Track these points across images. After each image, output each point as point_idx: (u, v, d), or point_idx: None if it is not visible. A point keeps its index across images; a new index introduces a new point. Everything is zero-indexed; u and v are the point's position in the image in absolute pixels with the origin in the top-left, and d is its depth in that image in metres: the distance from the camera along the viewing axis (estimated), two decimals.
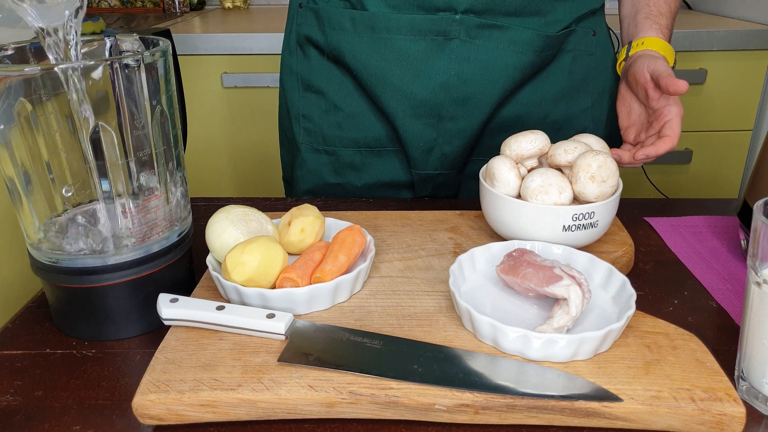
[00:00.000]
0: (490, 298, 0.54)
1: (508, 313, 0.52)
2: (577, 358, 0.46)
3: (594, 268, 0.55)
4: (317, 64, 0.82)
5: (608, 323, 0.47)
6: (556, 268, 0.50)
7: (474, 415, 0.43)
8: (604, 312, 0.51)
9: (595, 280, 0.55)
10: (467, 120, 0.78)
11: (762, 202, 0.44)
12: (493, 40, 0.74)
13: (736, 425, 0.42)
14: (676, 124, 0.69)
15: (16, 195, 0.52)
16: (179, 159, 0.57)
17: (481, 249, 0.57)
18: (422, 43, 0.74)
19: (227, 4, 1.98)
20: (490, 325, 0.47)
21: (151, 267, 0.53)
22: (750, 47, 1.51)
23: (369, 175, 0.84)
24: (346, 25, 0.76)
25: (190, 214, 0.59)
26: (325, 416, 0.44)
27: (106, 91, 0.49)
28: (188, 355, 0.47)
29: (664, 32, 0.77)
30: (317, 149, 0.85)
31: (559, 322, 0.47)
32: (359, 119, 0.81)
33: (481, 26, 0.73)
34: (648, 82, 0.71)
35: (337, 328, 0.50)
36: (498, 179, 0.61)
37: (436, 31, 0.73)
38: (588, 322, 0.50)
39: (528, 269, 0.51)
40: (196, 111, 1.53)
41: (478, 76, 0.75)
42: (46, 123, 0.49)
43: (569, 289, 0.48)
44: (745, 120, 1.61)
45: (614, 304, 0.52)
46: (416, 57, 0.75)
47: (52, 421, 0.45)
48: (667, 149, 0.68)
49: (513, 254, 0.54)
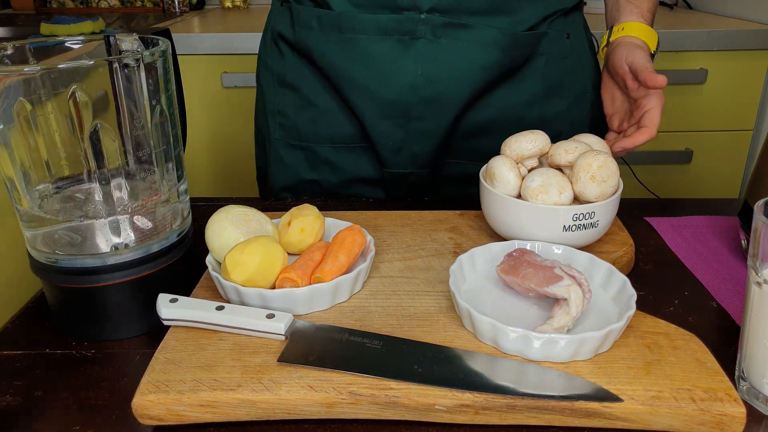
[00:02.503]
0: (490, 298, 0.53)
1: (508, 313, 0.52)
2: (578, 358, 0.46)
3: (594, 268, 0.55)
4: (291, 61, 0.82)
5: (609, 323, 0.47)
6: (557, 268, 0.50)
7: (474, 415, 0.43)
8: (605, 312, 0.51)
9: (595, 280, 0.55)
10: (436, 120, 0.77)
11: (762, 202, 0.44)
12: (459, 39, 0.73)
13: (736, 425, 0.42)
14: (655, 114, 0.68)
15: (15, 195, 0.51)
16: (179, 159, 0.57)
17: (481, 249, 0.57)
18: (388, 42, 0.73)
19: (227, 4, 1.98)
20: (490, 325, 0.46)
21: (150, 267, 0.53)
22: (750, 47, 1.51)
23: (344, 171, 0.84)
24: (314, 24, 0.76)
25: (189, 214, 0.59)
26: (325, 416, 0.44)
27: (106, 91, 0.49)
28: (188, 355, 0.47)
29: (645, 16, 0.76)
30: (293, 145, 0.84)
31: (559, 322, 0.47)
32: (331, 116, 0.81)
33: (446, 25, 0.72)
34: (626, 74, 0.71)
35: (337, 328, 0.50)
36: (498, 179, 0.61)
37: (402, 30, 0.73)
38: (588, 322, 0.50)
39: (528, 269, 0.51)
40: (196, 111, 1.53)
41: (445, 75, 0.74)
42: (46, 123, 0.49)
43: (569, 289, 0.48)
44: (746, 120, 1.61)
45: (615, 304, 0.52)
46: (382, 57, 0.75)
47: (52, 421, 0.45)
48: (644, 140, 0.68)
49: (513, 254, 0.54)
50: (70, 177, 0.52)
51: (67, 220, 0.52)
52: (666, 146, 1.61)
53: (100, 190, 0.51)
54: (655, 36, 0.76)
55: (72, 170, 0.51)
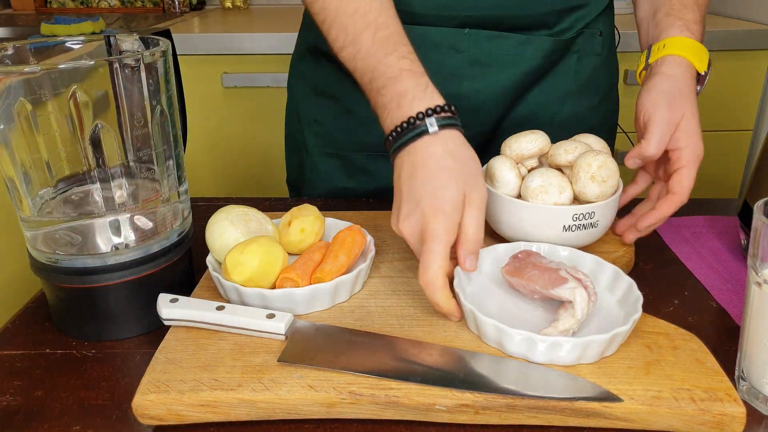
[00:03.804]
0: (494, 300, 0.53)
1: (512, 315, 0.51)
2: (582, 361, 0.46)
3: (600, 270, 0.55)
4: (328, 71, 0.82)
5: (614, 326, 0.46)
6: (562, 271, 0.50)
7: (474, 415, 0.43)
8: (610, 315, 0.51)
9: (601, 282, 0.55)
10: (479, 127, 0.79)
11: (762, 202, 0.44)
12: (503, 51, 0.74)
13: (736, 425, 0.42)
14: (687, 175, 0.58)
15: (16, 195, 0.51)
16: (179, 159, 0.57)
17: (486, 250, 0.57)
18: (433, 55, 0.74)
19: (227, 4, 1.98)
20: (494, 328, 0.46)
21: (151, 267, 0.53)
22: (750, 47, 1.51)
23: (381, 179, 0.84)
24: None
25: (190, 214, 0.59)
26: (325, 416, 0.44)
27: (106, 91, 0.49)
28: (188, 355, 0.47)
29: (692, 28, 0.63)
30: (329, 153, 0.85)
31: (564, 324, 0.47)
32: (373, 124, 0.81)
33: (490, 38, 0.73)
34: (641, 133, 0.62)
35: (337, 328, 0.50)
36: (498, 179, 0.61)
37: (446, 44, 0.73)
38: (593, 324, 0.50)
39: (533, 271, 0.50)
40: (196, 111, 1.53)
41: (488, 86, 0.76)
42: (47, 123, 0.49)
43: (575, 291, 0.47)
44: (745, 120, 1.61)
45: (620, 307, 0.52)
46: (428, 69, 0.75)
47: (52, 421, 0.45)
48: (672, 211, 0.59)
49: (518, 256, 0.54)
50: (71, 177, 0.52)
51: (67, 220, 0.52)
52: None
53: (100, 190, 0.51)
54: (705, 53, 0.64)
55: (72, 170, 0.51)
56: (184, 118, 0.69)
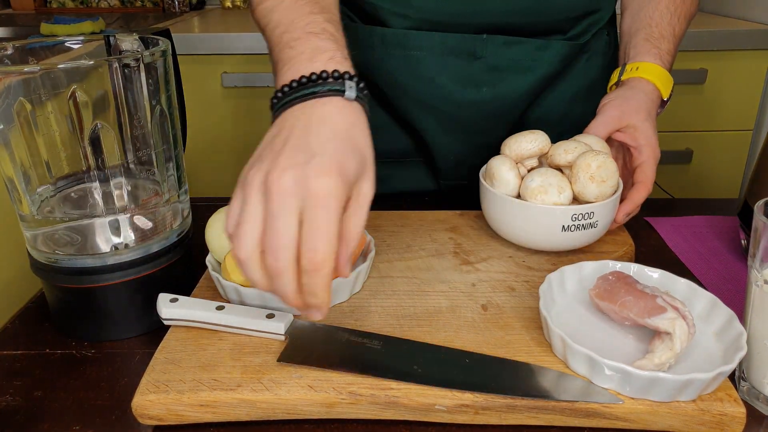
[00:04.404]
0: (582, 325, 0.49)
1: (602, 342, 0.48)
2: (679, 399, 0.42)
3: (695, 297, 0.50)
4: None
5: (712, 361, 0.43)
6: (659, 298, 0.46)
7: (474, 415, 0.43)
8: (707, 349, 0.47)
9: (695, 310, 0.50)
10: (496, 132, 0.79)
11: (762, 202, 0.44)
12: (521, 56, 0.75)
13: (736, 425, 0.42)
14: (648, 168, 0.64)
15: (15, 195, 0.51)
16: (179, 159, 0.57)
17: (571, 268, 0.53)
18: (451, 61, 0.74)
19: (227, 4, 1.98)
20: (586, 357, 0.43)
21: (150, 267, 0.53)
22: (750, 47, 1.51)
23: (392, 184, 0.85)
24: (375, 43, 0.76)
25: (189, 214, 0.59)
26: (325, 416, 0.44)
27: (106, 91, 0.49)
28: (188, 355, 0.47)
29: (664, 58, 0.70)
30: None
31: (660, 357, 0.43)
32: (384, 132, 0.82)
33: (508, 43, 0.74)
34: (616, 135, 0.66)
35: (337, 328, 0.50)
36: (498, 179, 0.61)
37: (465, 50, 0.74)
38: (691, 359, 0.45)
39: (627, 297, 0.47)
40: (196, 111, 1.53)
41: (507, 92, 0.76)
42: (46, 123, 0.49)
43: (674, 323, 0.44)
44: (746, 120, 1.61)
45: (718, 340, 0.47)
46: (446, 75, 0.75)
47: (51, 422, 0.45)
48: (642, 198, 0.63)
49: (609, 278, 0.50)
50: (70, 177, 0.52)
51: (67, 220, 0.52)
52: (666, 146, 1.60)
53: (100, 190, 0.51)
54: (670, 82, 0.70)
55: (72, 170, 0.51)
56: (184, 118, 0.69)
